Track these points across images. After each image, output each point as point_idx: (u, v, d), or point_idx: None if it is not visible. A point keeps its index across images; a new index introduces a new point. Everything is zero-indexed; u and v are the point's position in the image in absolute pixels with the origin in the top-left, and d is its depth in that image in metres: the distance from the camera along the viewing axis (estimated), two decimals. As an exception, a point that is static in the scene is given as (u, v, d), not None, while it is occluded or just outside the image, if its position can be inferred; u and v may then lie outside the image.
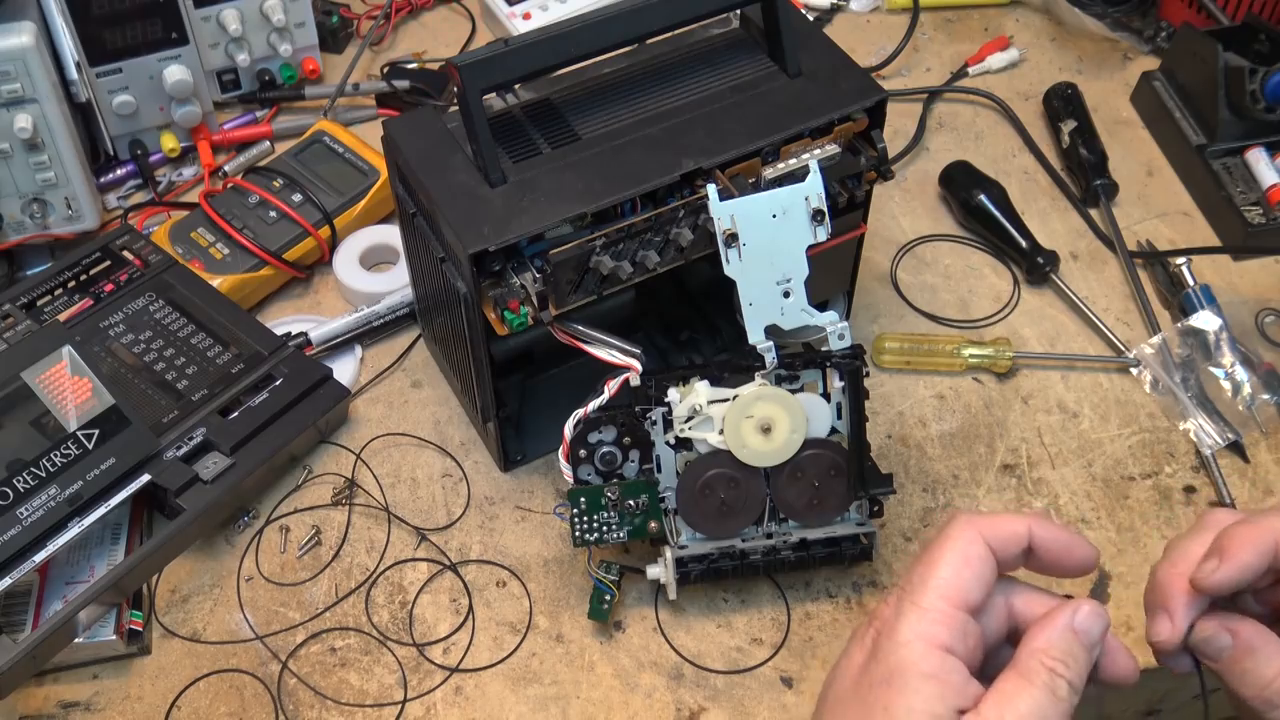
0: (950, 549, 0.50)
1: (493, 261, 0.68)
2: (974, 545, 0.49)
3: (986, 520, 0.50)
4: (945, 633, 0.47)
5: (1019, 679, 0.46)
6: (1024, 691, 0.46)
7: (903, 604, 0.49)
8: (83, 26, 0.94)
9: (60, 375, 0.74)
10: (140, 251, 0.90)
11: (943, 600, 0.48)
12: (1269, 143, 0.98)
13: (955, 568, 0.49)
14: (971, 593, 0.49)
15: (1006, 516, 0.51)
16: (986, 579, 0.49)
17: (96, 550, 0.76)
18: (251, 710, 0.72)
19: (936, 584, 0.48)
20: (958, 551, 0.49)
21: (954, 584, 0.48)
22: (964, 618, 0.48)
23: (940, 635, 0.47)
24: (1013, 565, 0.52)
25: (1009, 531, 0.50)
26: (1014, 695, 0.46)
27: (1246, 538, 0.50)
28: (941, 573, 0.49)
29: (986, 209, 0.96)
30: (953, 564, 0.49)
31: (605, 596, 0.74)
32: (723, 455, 0.70)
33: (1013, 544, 0.50)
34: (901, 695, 0.46)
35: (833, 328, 0.70)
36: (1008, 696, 0.46)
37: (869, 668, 0.48)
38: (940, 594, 0.48)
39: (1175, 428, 0.85)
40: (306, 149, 0.99)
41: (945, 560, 0.49)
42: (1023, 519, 0.51)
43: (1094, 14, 1.13)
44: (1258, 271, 0.95)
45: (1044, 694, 0.46)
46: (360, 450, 0.84)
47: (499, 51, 0.69)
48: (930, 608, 0.48)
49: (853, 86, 0.75)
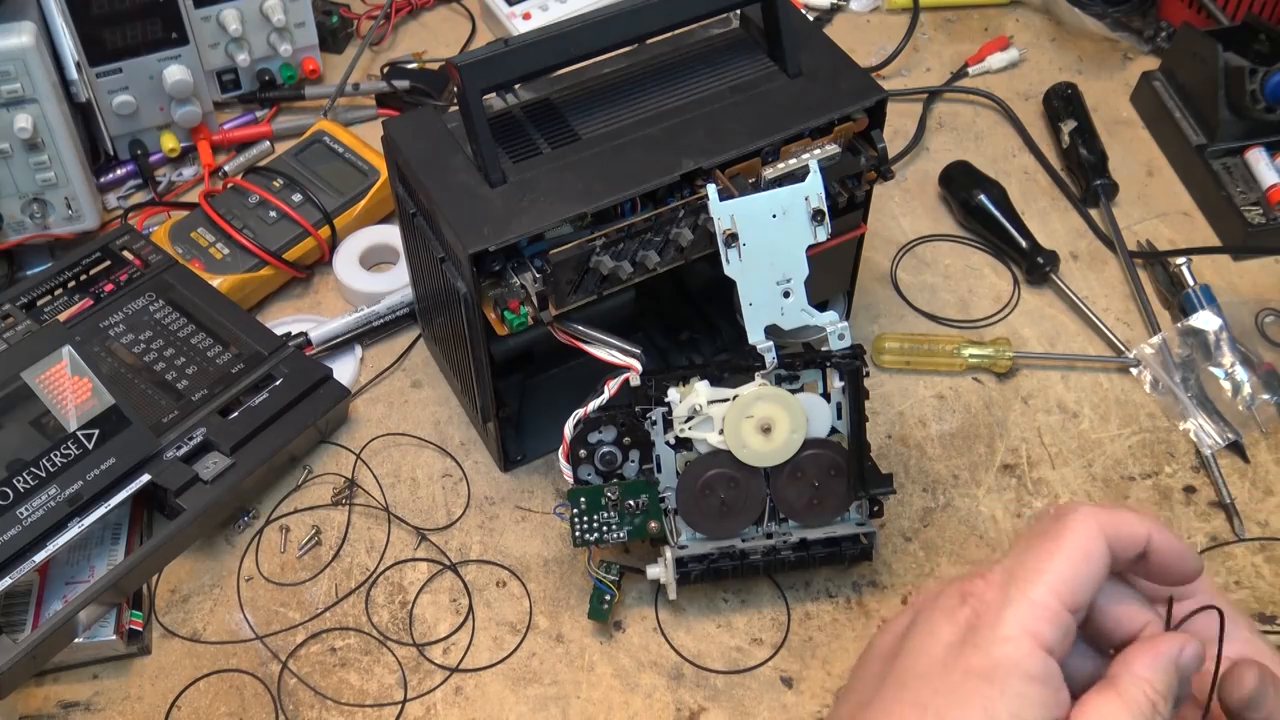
0: (1070, 542, 0.46)
1: (493, 261, 0.68)
2: (1095, 542, 0.46)
3: (1110, 516, 0.47)
4: (1052, 632, 0.44)
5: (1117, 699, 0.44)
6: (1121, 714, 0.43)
7: (1011, 591, 0.45)
8: (83, 26, 0.94)
9: (60, 375, 0.74)
10: (140, 251, 0.90)
11: (1054, 596, 0.44)
12: (1269, 143, 0.98)
13: (1073, 563, 0.45)
14: (1083, 593, 0.45)
15: (1129, 515, 0.47)
16: (1098, 579, 0.46)
17: (96, 550, 0.76)
18: (251, 710, 0.72)
19: (1051, 578, 0.45)
20: (1077, 546, 0.45)
21: (1069, 581, 0.45)
22: (1069, 618, 0.45)
23: (1047, 635, 0.44)
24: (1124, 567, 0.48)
25: (1130, 533, 0.47)
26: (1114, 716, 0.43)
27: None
28: (1058, 566, 0.45)
29: (986, 209, 0.96)
30: (1070, 559, 0.45)
31: (605, 596, 0.74)
32: (723, 455, 0.70)
33: (1132, 547, 0.47)
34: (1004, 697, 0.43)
35: (833, 328, 0.70)
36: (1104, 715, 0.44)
37: (965, 654, 0.44)
38: (1053, 589, 0.44)
39: (1175, 428, 0.85)
40: (306, 149, 0.99)
41: (1063, 553, 0.45)
42: (1144, 520, 0.47)
43: (1094, 14, 1.13)
44: (1258, 271, 0.95)
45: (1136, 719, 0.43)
46: (360, 450, 0.84)
47: (499, 51, 0.69)
48: (1041, 602, 0.44)
49: (853, 86, 0.75)
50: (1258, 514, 0.80)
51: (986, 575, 0.46)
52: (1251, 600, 0.76)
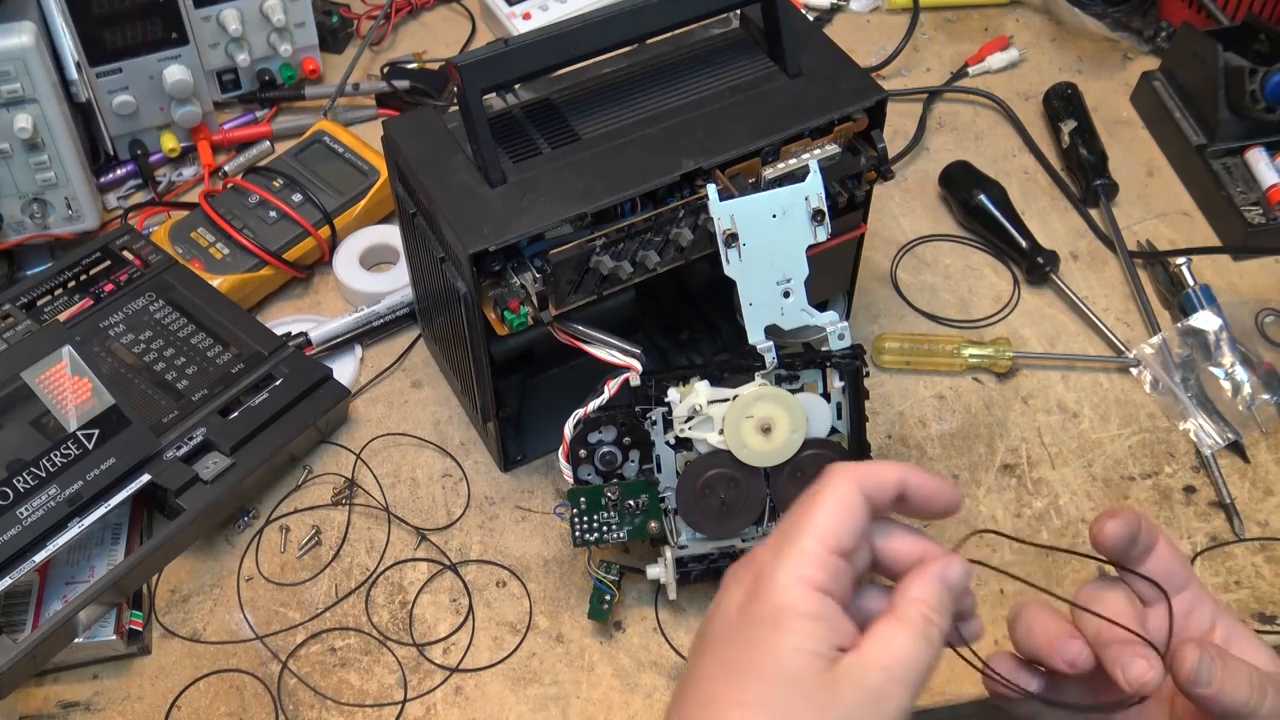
0: (828, 496, 0.52)
1: (493, 261, 0.68)
2: (850, 493, 0.52)
3: (861, 468, 0.53)
4: (822, 575, 0.50)
5: (897, 624, 0.50)
6: (901, 635, 0.49)
7: (781, 548, 0.51)
8: (83, 26, 0.94)
9: (60, 375, 0.74)
10: (140, 251, 0.90)
11: (819, 544, 0.50)
12: (1269, 143, 0.98)
13: (831, 513, 0.51)
14: (846, 537, 0.51)
15: (881, 464, 0.54)
16: (859, 524, 0.52)
17: (96, 550, 0.76)
18: (251, 710, 0.72)
19: (814, 529, 0.50)
20: (834, 498, 0.51)
21: (830, 529, 0.51)
22: (838, 560, 0.50)
23: (817, 577, 0.50)
24: (886, 510, 0.54)
25: (883, 479, 0.53)
26: (892, 638, 0.49)
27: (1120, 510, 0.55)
28: (818, 519, 0.51)
29: (986, 209, 0.96)
30: (829, 510, 0.51)
31: (605, 596, 0.74)
32: (723, 455, 0.70)
33: (886, 490, 0.53)
34: (785, 635, 0.48)
35: (833, 328, 0.70)
36: (887, 639, 0.49)
37: (749, 608, 0.50)
38: (816, 538, 0.50)
39: (1175, 428, 0.85)
40: (306, 149, 0.99)
41: (822, 507, 0.51)
42: (895, 467, 0.53)
43: (1094, 14, 1.13)
44: (1258, 271, 0.95)
45: (919, 639, 0.49)
46: (360, 450, 0.84)
47: (499, 51, 0.69)
48: (807, 551, 0.50)
49: (853, 86, 0.75)
50: (1258, 514, 0.80)
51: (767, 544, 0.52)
52: (1251, 600, 0.76)
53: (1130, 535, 0.55)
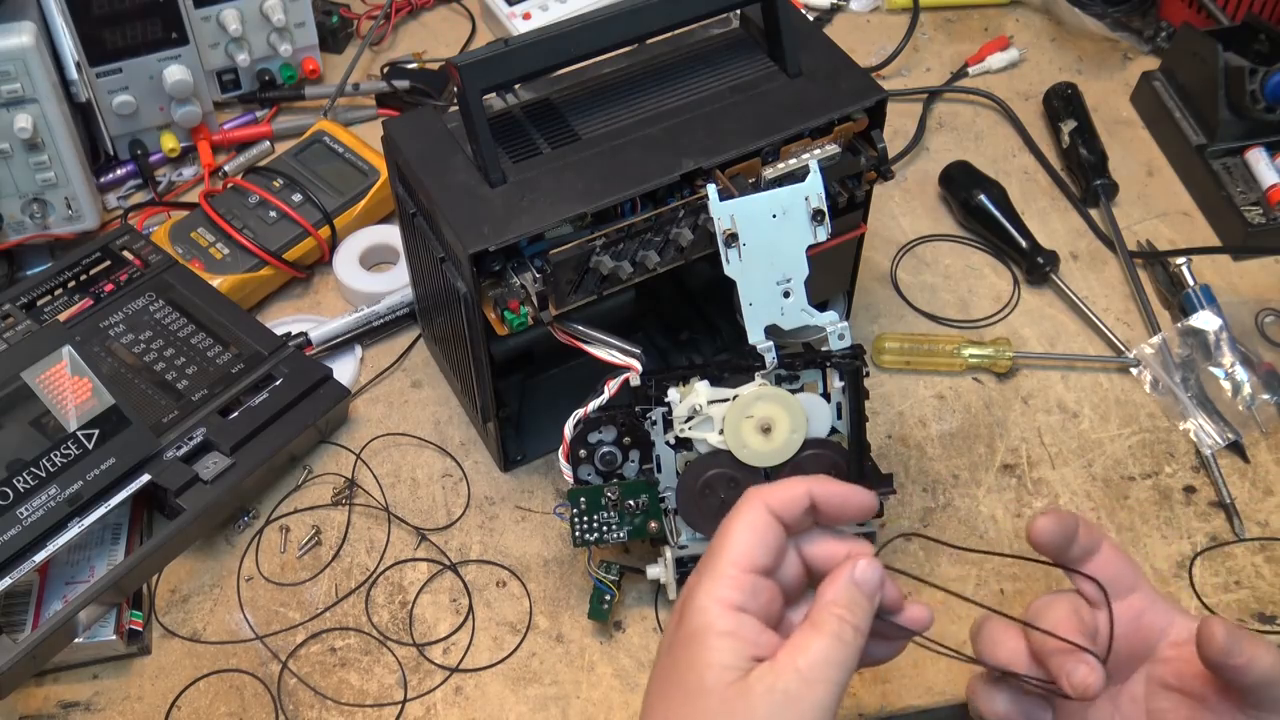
0: (739, 521, 0.56)
1: (493, 261, 0.68)
2: (760, 515, 0.56)
3: (770, 490, 0.56)
4: (737, 594, 0.53)
5: (811, 629, 0.53)
6: (815, 639, 0.52)
7: (701, 573, 0.55)
8: (83, 26, 0.94)
9: (60, 375, 0.74)
10: (140, 251, 0.90)
11: (733, 566, 0.54)
12: (1269, 143, 0.98)
13: (742, 537, 0.55)
14: (759, 557, 0.55)
15: (788, 483, 0.57)
16: (773, 543, 0.55)
17: (96, 550, 0.76)
18: (251, 710, 0.72)
19: (728, 553, 0.54)
20: (746, 522, 0.55)
21: (743, 551, 0.54)
22: (754, 579, 0.54)
23: (733, 597, 0.53)
24: (803, 524, 0.57)
25: (789, 496, 0.56)
26: (806, 643, 0.52)
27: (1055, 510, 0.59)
28: (732, 541, 0.55)
29: (986, 209, 0.96)
30: (741, 534, 0.55)
31: (605, 596, 0.74)
32: (723, 455, 0.70)
33: (795, 507, 0.56)
34: (702, 651, 0.52)
35: (833, 328, 0.70)
36: (801, 644, 0.52)
37: (678, 631, 0.55)
38: (730, 561, 0.54)
39: (1175, 428, 0.85)
40: (306, 149, 0.99)
41: (734, 531, 0.55)
42: (803, 482, 0.57)
43: (1094, 14, 1.13)
44: (1258, 271, 0.95)
45: (831, 639, 0.52)
46: (360, 450, 0.84)
47: (499, 51, 0.69)
48: (722, 573, 0.54)
49: (853, 86, 0.75)
50: (1258, 514, 0.80)
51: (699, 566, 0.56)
52: (1251, 600, 0.76)
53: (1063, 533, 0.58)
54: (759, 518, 0.56)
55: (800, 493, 0.56)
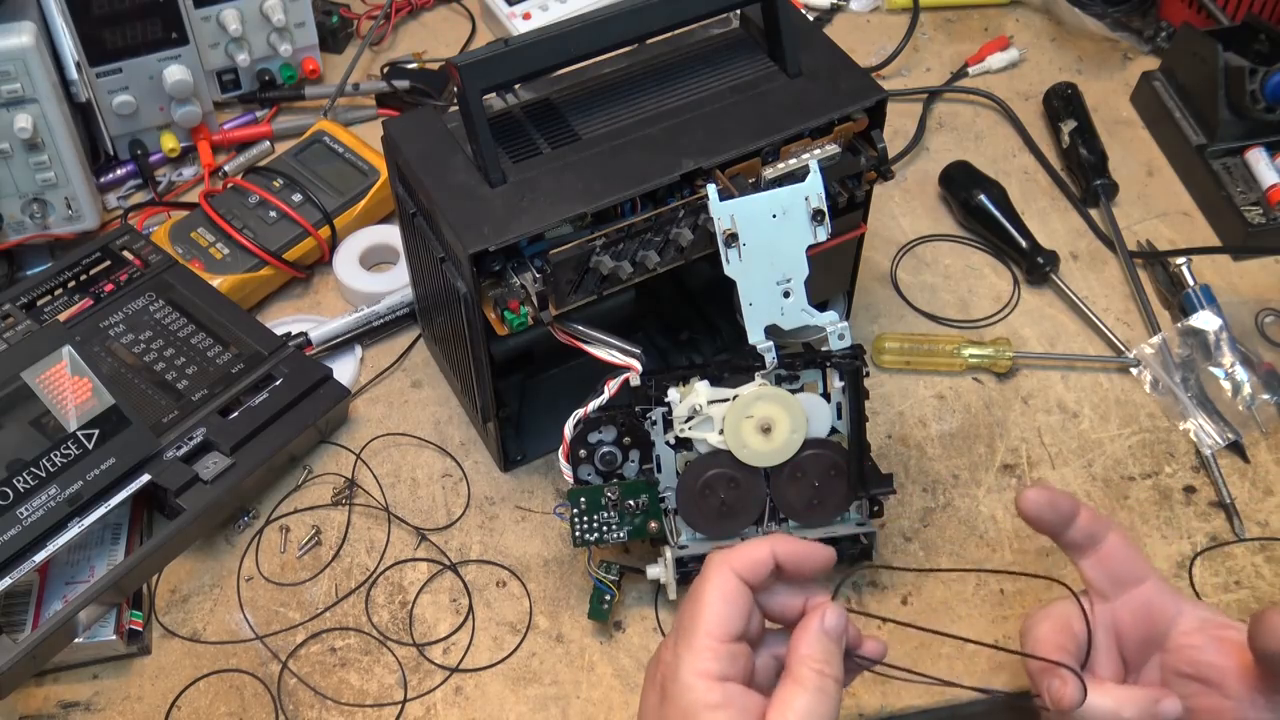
0: (710, 590, 0.56)
1: (493, 261, 0.68)
2: (728, 581, 0.56)
3: (735, 555, 0.57)
4: (718, 665, 0.54)
5: (794, 685, 0.54)
6: (799, 695, 0.54)
7: (679, 648, 0.56)
8: (83, 26, 0.94)
9: (60, 375, 0.74)
10: (140, 251, 0.90)
11: (709, 637, 0.55)
12: (1269, 143, 0.98)
13: (716, 608, 0.56)
14: (733, 624, 0.56)
15: (751, 546, 0.58)
16: (743, 608, 0.57)
17: (96, 550, 0.76)
18: (251, 710, 0.72)
19: (704, 625, 0.55)
20: (717, 592, 0.56)
21: (717, 621, 0.55)
22: (731, 647, 0.55)
23: (715, 668, 0.54)
24: (768, 585, 0.58)
25: (754, 559, 0.57)
26: (791, 700, 0.53)
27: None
28: (705, 612, 0.56)
29: (986, 209, 0.96)
30: (714, 605, 0.56)
31: (605, 596, 0.74)
32: (723, 455, 0.70)
33: (760, 569, 0.57)
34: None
35: (833, 328, 0.70)
36: (787, 703, 0.53)
37: (663, 710, 0.55)
38: (706, 632, 0.55)
39: (1175, 428, 0.85)
40: (306, 149, 0.99)
41: (707, 602, 0.56)
42: (765, 544, 0.58)
43: (1094, 14, 1.13)
44: (1258, 271, 0.95)
45: (815, 694, 0.54)
46: (360, 450, 0.84)
47: (499, 51, 0.69)
48: (700, 646, 0.55)
49: (853, 86, 0.75)
50: (1258, 514, 0.80)
51: (666, 642, 0.57)
52: (1251, 600, 0.76)
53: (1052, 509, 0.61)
54: (728, 584, 0.57)
55: (764, 555, 0.58)
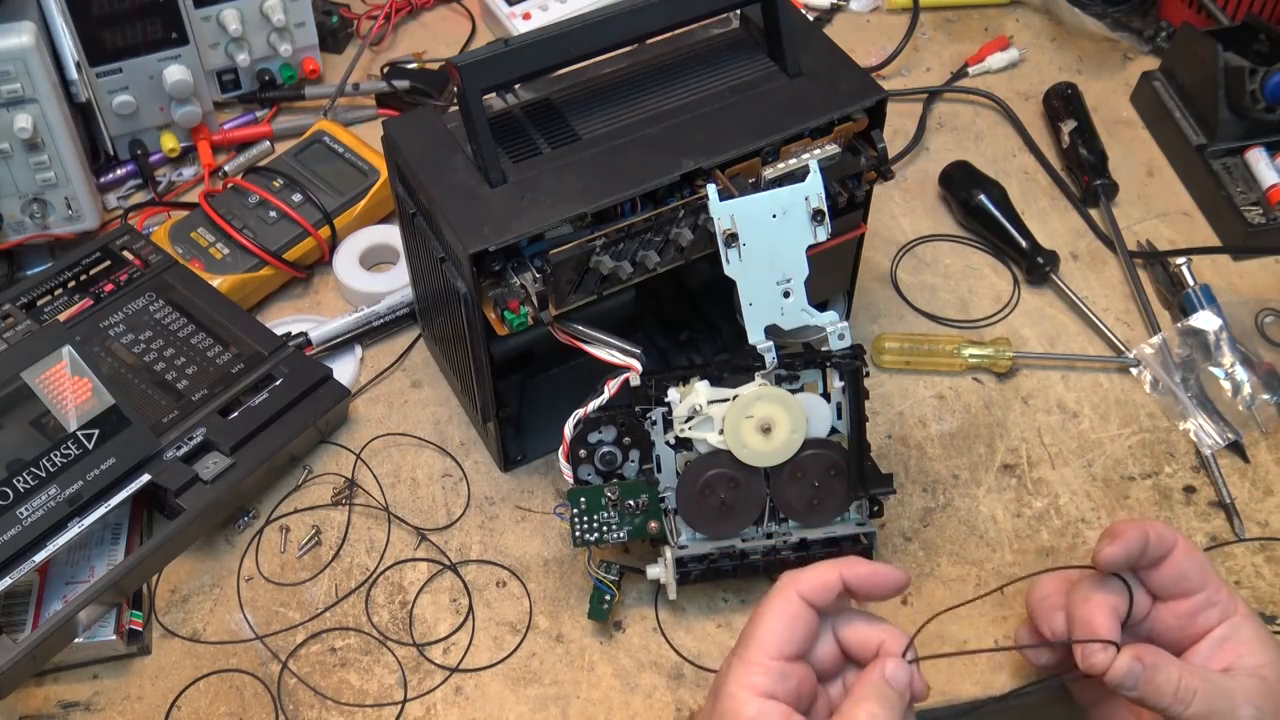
0: (771, 609, 0.59)
1: (493, 261, 0.68)
2: (791, 604, 0.59)
3: (804, 578, 0.59)
4: (766, 681, 0.57)
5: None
6: None
7: (731, 660, 0.58)
8: (83, 26, 0.94)
9: (60, 375, 0.74)
10: (140, 251, 0.90)
11: (763, 654, 0.58)
12: (1269, 143, 0.98)
13: (773, 626, 0.58)
14: (788, 645, 0.58)
15: (820, 568, 0.60)
16: (803, 631, 0.59)
17: (96, 550, 0.76)
18: (251, 710, 0.72)
19: (759, 641, 0.58)
20: (777, 612, 0.59)
21: (772, 640, 0.58)
22: (782, 665, 0.58)
23: (761, 684, 0.57)
24: (836, 608, 0.61)
25: (822, 583, 0.59)
26: None
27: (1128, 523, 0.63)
28: (763, 630, 0.58)
29: (986, 209, 0.96)
30: (772, 623, 0.58)
31: (605, 596, 0.74)
32: (723, 455, 0.70)
33: (828, 593, 0.59)
34: None
35: (833, 328, 0.70)
36: None
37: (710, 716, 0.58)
38: (760, 649, 0.58)
39: (1175, 428, 0.85)
40: (306, 149, 0.99)
41: (766, 620, 0.59)
42: (834, 567, 0.60)
43: (1094, 14, 1.13)
44: (1258, 271, 0.95)
45: None
46: (360, 450, 0.84)
47: (499, 51, 0.69)
48: (751, 660, 0.58)
49: (853, 86, 0.75)
50: (1258, 514, 0.80)
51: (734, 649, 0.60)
52: (1252, 600, 0.76)
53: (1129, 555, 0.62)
54: (790, 606, 0.58)
55: (833, 579, 0.59)
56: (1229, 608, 0.63)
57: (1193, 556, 0.64)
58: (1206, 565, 0.64)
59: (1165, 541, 0.63)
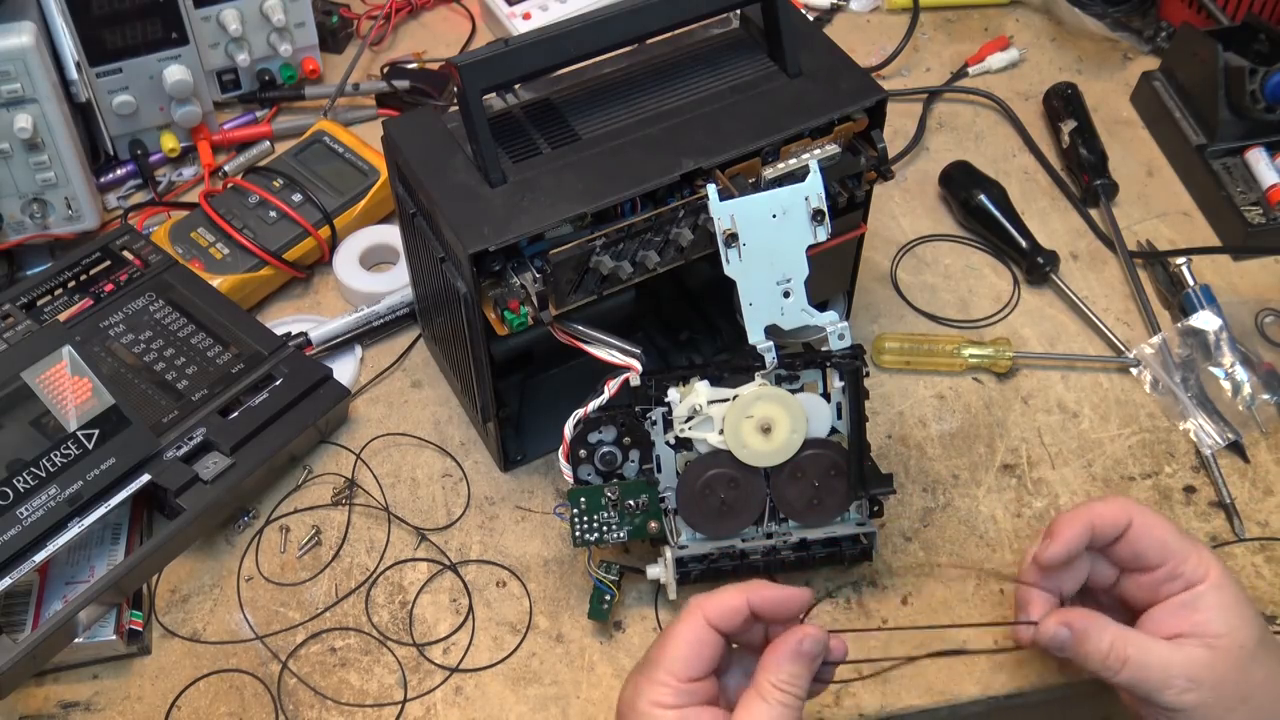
0: (678, 633, 0.61)
1: (493, 261, 0.68)
2: (697, 628, 0.61)
3: (710, 601, 0.61)
4: (673, 697, 0.60)
5: (758, 698, 0.59)
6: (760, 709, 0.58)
7: (639, 680, 0.61)
8: (83, 26, 0.94)
9: (60, 375, 0.74)
10: (140, 251, 0.90)
11: (670, 676, 0.60)
12: (1269, 143, 0.98)
13: (680, 649, 0.60)
14: (694, 668, 0.60)
15: (727, 593, 0.62)
16: (708, 654, 0.61)
17: (96, 550, 0.76)
18: (251, 710, 0.72)
19: (665, 664, 0.60)
20: (683, 636, 0.61)
21: (680, 663, 0.60)
22: (687, 685, 0.60)
23: (669, 700, 0.59)
24: (744, 629, 0.62)
25: (728, 608, 0.61)
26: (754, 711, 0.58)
27: (1068, 518, 0.66)
28: (669, 655, 0.60)
29: (986, 209, 0.96)
30: (679, 646, 0.61)
31: (605, 596, 0.74)
32: (723, 455, 0.70)
33: (734, 617, 0.61)
34: None
35: (833, 328, 0.70)
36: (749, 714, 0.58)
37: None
38: (668, 670, 0.60)
39: (1175, 428, 0.85)
40: (306, 149, 0.99)
41: (674, 643, 0.61)
42: (741, 593, 0.61)
43: (1094, 14, 1.13)
44: (1258, 271, 0.95)
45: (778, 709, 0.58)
46: (360, 450, 0.84)
47: (499, 51, 0.69)
48: (660, 681, 0.60)
49: (853, 86, 0.75)
50: (1258, 514, 0.80)
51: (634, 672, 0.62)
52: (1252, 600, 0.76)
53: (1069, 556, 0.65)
54: (696, 630, 0.61)
55: (739, 603, 0.61)
56: (1195, 576, 0.64)
57: (1151, 535, 0.65)
58: (1170, 540, 0.65)
59: (1116, 524, 0.65)
